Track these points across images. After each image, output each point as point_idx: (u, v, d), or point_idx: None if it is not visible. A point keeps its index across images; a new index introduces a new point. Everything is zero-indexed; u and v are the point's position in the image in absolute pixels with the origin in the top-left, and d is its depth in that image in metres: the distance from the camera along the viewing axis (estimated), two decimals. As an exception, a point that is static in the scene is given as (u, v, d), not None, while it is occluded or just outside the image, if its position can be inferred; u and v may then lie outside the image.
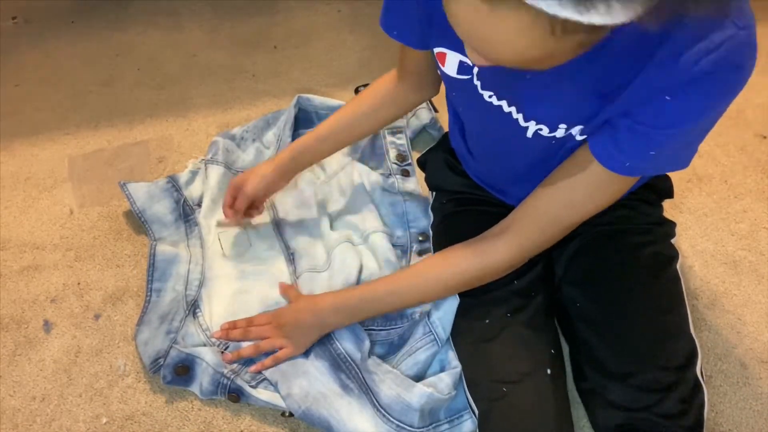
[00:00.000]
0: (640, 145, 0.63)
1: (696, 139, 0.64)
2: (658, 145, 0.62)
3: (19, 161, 1.27)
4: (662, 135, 0.61)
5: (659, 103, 0.59)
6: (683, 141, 0.63)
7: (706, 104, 0.58)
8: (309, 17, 1.64)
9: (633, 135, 0.62)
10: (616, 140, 0.64)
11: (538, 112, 0.70)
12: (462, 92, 0.79)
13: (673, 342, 0.77)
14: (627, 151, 0.64)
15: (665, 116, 0.60)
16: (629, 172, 0.66)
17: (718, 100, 0.58)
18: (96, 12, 1.67)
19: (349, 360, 0.86)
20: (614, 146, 0.64)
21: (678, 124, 0.60)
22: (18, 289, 1.05)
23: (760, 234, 1.09)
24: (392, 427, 0.80)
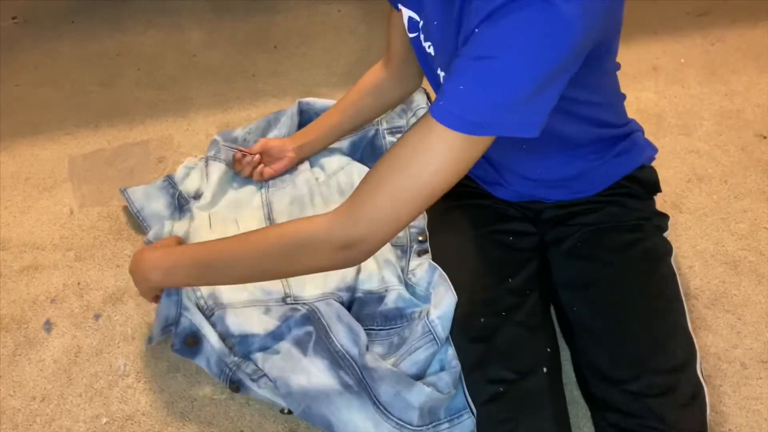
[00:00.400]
0: (451, 78, 0.61)
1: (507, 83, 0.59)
2: (465, 77, 0.60)
3: (19, 161, 1.27)
4: (467, 60, 0.60)
5: (473, 37, 0.60)
6: (490, 78, 0.59)
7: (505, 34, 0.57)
8: (309, 17, 1.64)
9: (452, 68, 0.62)
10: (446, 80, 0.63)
11: (439, 56, 0.75)
12: (417, 53, 0.84)
13: (670, 343, 0.77)
14: (444, 88, 0.62)
15: (475, 42, 0.60)
16: (443, 117, 0.61)
17: (521, 34, 0.57)
18: (96, 12, 1.67)
19: (347, 357, 0.86)
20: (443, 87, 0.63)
21: (478, 50, 0.59)
22: (18, 289, 1.05)
23: (760, 234, 1.09)
24: (392, 425, 0.80)
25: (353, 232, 0.67)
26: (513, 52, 0.58)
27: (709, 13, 1.57)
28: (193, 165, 1.18)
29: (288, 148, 1.11)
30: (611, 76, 0.80)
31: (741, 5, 1.58)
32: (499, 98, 0.60)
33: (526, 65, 0.58)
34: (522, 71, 0.58)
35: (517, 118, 0.61)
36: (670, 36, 1.51)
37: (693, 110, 1.33)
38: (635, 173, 0.89)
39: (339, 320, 0.88)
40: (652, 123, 1.30)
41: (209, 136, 1.29)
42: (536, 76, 0.59)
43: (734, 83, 1.37)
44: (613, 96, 0.84)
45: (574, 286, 0.85)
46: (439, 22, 0.72)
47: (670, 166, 1.20)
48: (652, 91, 1.37)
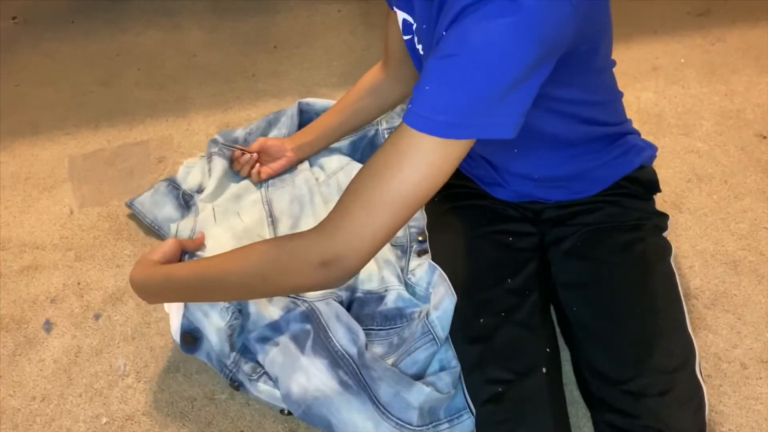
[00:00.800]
0: (421, 80, 0.60)
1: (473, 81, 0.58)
2: (430, 77, 0.59)
3: (19, 161, 1.27)
4: (431, 61, 0.59)
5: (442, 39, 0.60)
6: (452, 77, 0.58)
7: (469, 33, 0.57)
8: (309, 17, 1.64)
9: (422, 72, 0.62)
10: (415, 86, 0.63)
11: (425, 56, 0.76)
12: (412, 57, 0.84)
13: (669, 343, 0.77)
14: (414, 94, 0.61)
15: (441, 44, 0.60)
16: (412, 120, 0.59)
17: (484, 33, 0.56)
18: (96, 12, 1.67)
19: (346, 356, 0.86)
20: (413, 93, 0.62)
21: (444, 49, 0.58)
22: (18, 289, 1.05)
23: (760, 234, 1.09)
24: (392, 425, 0.80)
25: (330, 249, 0.63)
26: (476, 50, 0.57)
27: (709, 13, 1.57)
28: (193, 164, 1.18)
29: (287, 148, 1.11)
30: (604, 75, 0.80)
31: (741, 5, 1.58)
32: (466, 97, 0.58)
33: (492, 62, 0.57)
34: (487, 68, 0.57)
35: (489, 119, 0.59)
36: (670, 36, 1.51)
37: (693, 110, 1.33)
38: (635, 173, 0.89)
39: (338, 320, 0.88)
40: (652, 123, 1.30)
41: (209, 136, 1.29)
42: (503, 73, 0.57)
43: (734, 83, 1.37)
44: (606, 94, 0.83)
45: (573, 285, 0.85)
46: (427, 25, 0.73)
47: (670, 166, 1.20)
48: (652, 91, 1.37)
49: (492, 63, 0.57)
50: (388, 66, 1.01)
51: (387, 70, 1.02)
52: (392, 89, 1.04)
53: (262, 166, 1.12)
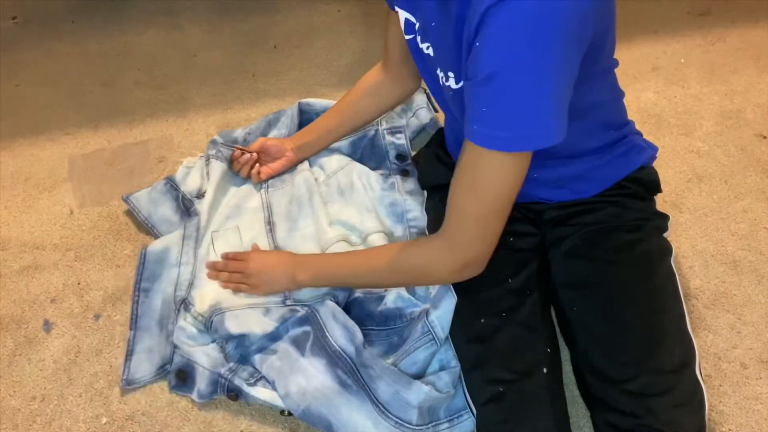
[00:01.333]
0: (473, 103, 0.63)
1: (523, 91, 0.60)
2: (485, 100, 0.62)
3: (19, 161, 1.27)
4: (479, 86, 0.61)
5: (473, 52, 0.61)
6: (502, 94, 0.61)
7: (501, 43, 0.58)
8: (309, 17, 1.64)
9: (468, 92, 0.64)
10: (466, 105, 0.66)
11: (438, 57, 0.76)
12: (413, 54, 0.85)
13: (668, 343, 0.77)
14: (470, 113, 0.64)
15: (475, 63, 0.61)
16: (483, 141, 0.64)
17: (513, 36, 0.57)
18: (96, 12, 1.67)
19: (344, 355, 0.86)
20: (467, 112, 0.66)
21: (484, 69, 0.60)
22: (18, 289, 1.05)
23: (760, 234, 1.09)
24: (391, 424, 0.80)
25: (460, 259, 0.76)
26: (517, 60, 0.58)
27: (709, 13, 1.57)
28: (192, 164, 1.18)
29: (287, 148, 1.11)
30: (607, 75, 0.80)
31: (741, 5, 1.58)
32: (523, 118, 0.62)
33: (533, 67, 0.59)
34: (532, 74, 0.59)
35: (545, 128, 0.63)
36: (670, 36, 1.51)
37: (693, 110, 1.33)
38: (636, 173, 0.89)
39: (334, 319, 0.88)
40: (652, 123, 1.30)
41: (209, 136, 1.29)
42: (546, 76, 0.60)
43: (734, 83, 1.37)
44: (609, 94, 0.83)
45: (574, 285, 0.85)
46: (437, 23, 0.73)
47: (670, 166, 1.20)
48: (652, 91, 1.37)
49: (534, 68, 0.59)
50: (387, 66, 1.01)
51: (387, 70, 1.02)
52: (392, 89, 1.04)
53: (262, 166, 1.12)
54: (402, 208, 1.08)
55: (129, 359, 0.93)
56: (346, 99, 1.08)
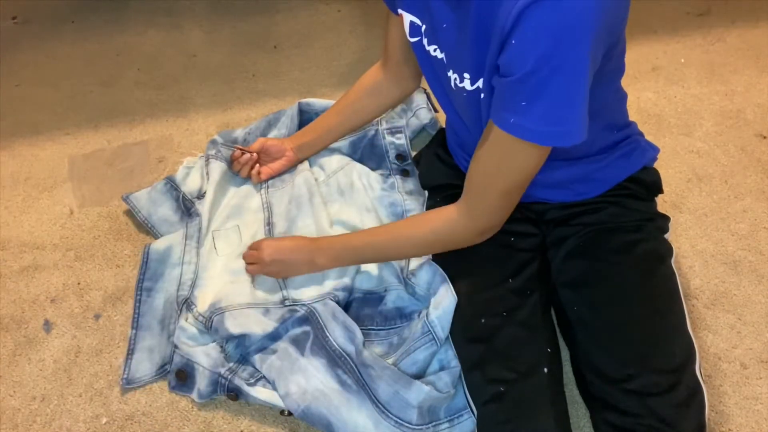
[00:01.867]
0: (511, 96, 0.65)
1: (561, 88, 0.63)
2: (523, 95, 0.64)
3: (19, 161, 1.27)
4: (518, 82, 0.63)
5: (509, 48, 0.62)
6: (537, 90, 0.63)
7: (537, 41, 0.60)
8: (309, 17, 1.64)
9: (504, 87, 0.66)
10: (497, 97, 0.68)
11: (452, 59, 0.76)
12: (418, 56, 0.85)
13: (669, 343, 0.77)
14: (506, 106, 0.66)
15: (513, 60, 0.63)
16: (517, 132, 0.67)
17: (548, 37, 0.59)
18: (96, 12, 1.67)
19: (344, 355, 0.86)
20: (499, 104, 0.68)
21: (523, 66, 0.62)
22: (18, 289, 1.05)
23: (760, 234, 1.09)
24: (391, 424, 0.80)
25: (480, 225, 0.81)
26: (558, 58, 0.60)
27: (709, 13, 1.57)
28: (192, 164, 1.18)
29: (286, 148, 1.11)
30: (618, 75, 0.80)
31: (741, 5, 1.58)
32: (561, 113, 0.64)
33: (573, 65, 0.61)
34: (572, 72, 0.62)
35: (573, 125, 0.65)
36: (670, 36, 1.51)
37: (693, 110, 1.33)
38: (638, 174, 0.89)
39: (334, 319, 0.88)
40: (652, 123, 1.30)
41: (209, 136, 1.29)
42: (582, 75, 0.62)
43: (734, 83, 1.37)
44: (615, 94, 0.84)
45: (574, 285, 0.85)
46: (449, 24, 0.73)
47: (670, 166, 1.20)
48: (652, 91, 1.37)
49: (574, 70, 0.61)
50: (388, 66, 1.01)
51: (387, 70, 1.02)
52: (392, 89, 1.04)
53: (262, 166, 1.12)
54: (402, 208, 1.08)
55: (129, 358, 0.93)
56: (346, 99, 1.07)
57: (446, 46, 0.77)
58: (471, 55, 0.71)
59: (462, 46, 0.72)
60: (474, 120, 0.80)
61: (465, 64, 0.73)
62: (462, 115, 0.85)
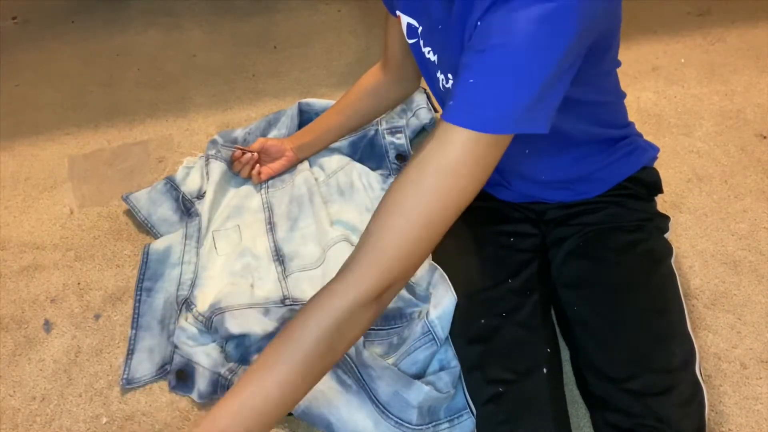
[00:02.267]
0: (462, 75, 0.59)
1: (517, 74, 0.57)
2: (473, 71, 0.58)
3: (19, 161, 1.27)
4: (475, 54, 0.58)
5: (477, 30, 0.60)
6: (498, 65, 0.57)
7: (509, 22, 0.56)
8: (309, 17, 1.64)
9: (459, 69, 0.60)
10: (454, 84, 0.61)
11: (443, 60, 0.75)
12: (416, 58, 0.84)
13: (670, 343, 0.77)
14: (454, 90, 0.60)
15: (478, 36, 0.59)
16: (454, 117, 0.58)
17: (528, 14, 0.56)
18: (96, 12, 1.67)
19: (344, 355, 0.86)
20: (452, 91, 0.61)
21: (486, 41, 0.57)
22: (18, 289, 1.05)
23: (760, 234, 1.09)
24: (391, 424, 0.80)
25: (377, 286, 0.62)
26: (518, 38, 0.56)
27: (709, 13, 1.57)
28: (192, 164, 1.18)
29: (286, 148, 1.11)
30: (612, 75, 0.80)
31: (741, 5, 1.58)
32: (510, 88, 0.57)
33: (533, 51, 0.56)
34: (530, 58, 0.57)
35: (530, 113, 0.58)
36: (670, 36, 1.51)
37: (693, 110, 1.33)
38: (638, 174, 0.89)
39: None
40: (652, 123, 1.30)
41: (209, 136, 1.29)
42: (544, 63, 0.57)
43: (734, 83, 1.37)
44: (613, 95, 0.84)
45: (574, 285, 0.85)
46: (443, 25, 0.73)
47: (670, 166, 1.20)
48: (652, 91, 1.37)
49: (534, 52, 0.56)
50: (388, 67, 1.01)
51: (387, 70, 1.02)
52: (393, 89, 1.04)
53: (262, 166, 1.12)
54: (402, 208, 1.08)
55: (129, 358, 0.93)
56: (346, 99, 1.07)
57: (437, 46, 0.76)
58: (454, 54, 0.70)
59: (449, 44, 0.72)
60: None
61: (450, 64, 0.73)
62: None
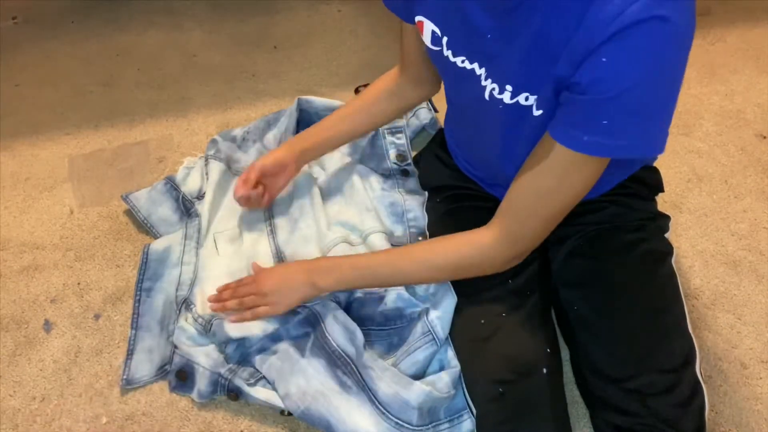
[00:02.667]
0: (591, 115, 0.62)
1: (650, 108, 0.62)
2: (607, 113, 0.61)
3: (19, 161, 1.27)
4: (606, 101, 0.61)
5: (594, 65, 0.60)
6: (633, 108, 0.61)
7: (637, 60, 0.58)
8: (309, 17, 1.64)
9: (581, 106, 0.63)
10: (568, 115, 0.65)
11: (493, 70, 0.73)
12: (437, 62, 0.82)
13: (670, 343, 0.77)
14: (580, 124, 0.63)
15: (602, 78, 0.60)
16: (591, 150, 0.65)
17: (650, 57, 0.58)
18: (96, 12, 1.67)
19: (344, 356, 0.86)
20: (569, 122, 0.65)
21: (615, 85, 0.59)
22: (18, 289, 1.05)
23: (760, 234, 1.09)
24: (391, 425, 0.80)
25: (514, 253, 0.78)
26: (650, 81, 0.59)
27: (709, 13, 1.57)
28: (192, 165, 1.18)
29: (286, 163, 1.01)
30: None
31: (741, 5, 1.58)
32: (644, 130, 0.63)
33: (662, 86, 0.61)
34: (659, 94, 0.61)
35: (657, 139, 0.64)
36: (670, 36, 1.51)
37: (693, 110, 1.33)
38: (638, 173, 0.89)
39: (335, 320, 0.88)
40: (652, 123, 1.30)
41: (209, 136, 1.29)
42: (671, 94, 0.62)
43: (734, 83, 1.37)
44: None
45: (575, 284, 0.85)
46: (495, 35, 0.69)
47: (670, 166, 1.20)
48: (652, 91, 1.37)
49: (664, 87, 0.61)
50: (407, 70, 0.97)
51: (406, 74, 0.97)
52: (412, 91, 0.99)
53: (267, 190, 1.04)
54: (402, 208, 1.08)
55: (129, 359, 0.93)
56: (361, 101, 1.01)
57: (485, 56, 0.73)
58: (521, 68, 0.68)
59: (508, 57, 0.69)
60: (502, 133, 0.78)
61: (508, 77, 0.70)
62: (484, 126, 0.82)
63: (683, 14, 0.57)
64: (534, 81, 0.68)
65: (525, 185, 0.73)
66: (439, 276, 0.85)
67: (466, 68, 0.76)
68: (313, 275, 0.86)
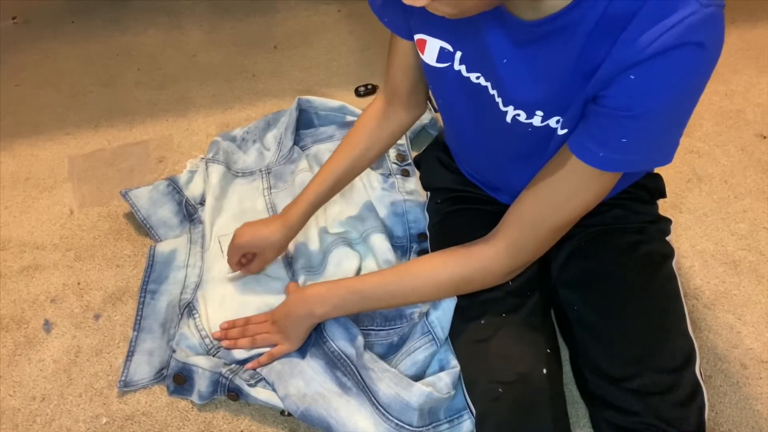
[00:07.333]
0: (611, 132, 0.63)
1: (670, 127, 0.63)
2: (629, 132, 0.62)
3: (19, 161, 1.28)
4: (629, 119, 0.61)
5: (624, 83, 0.59)
6: (655, 128, 0.62)
7: (669, 84, 0.58)
8: (309, 17, 1.64)
9: (603, 121, 0.63)
10: (588, 129, 0.65)
11: (515, 96, 0.71)
12: (441, 81, 0.79)
13: (670, 343, 0.77)
14: (599, 140, 0.64)
15: (629, 97, 0.60)
16: (606, 166, 0.65)
17: (681, 80, 0.58)
18: (96, 12, 1.67)
19: (343, 357, 0.86)
20: (587, 136, 0.65)
21: (642, 105, 0.59)
22: (18, 289, 1.05)
23: (760, 234, 1.09)
24: (391, 426, 0.80)
25: (517, 263, 0.78)
26: (676, 103, 0.60)
27: (709, 13, 1.57)
28: (195, 168, 1.18)
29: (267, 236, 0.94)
30: None
31: (741, 5, 1.58)
32: (662, 147, 0.64)
33: (685, 108, 0.62)
34: (681, 115, 0.62)
35: (670, 152, 0.65)
36: (670, 36, 1.50)
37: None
38: (642, 180, 0.89)
39: (334, 321, 0.88)
40: (652, 123, 1.30)
41: (209, 136, 1.29)
42: (689, 114, 0.63)
43: (734, 83, 1.37)
44: None
45: (575, 284, 0.85)
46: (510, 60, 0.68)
47: (670, 166, 1.20)
48: (652, 91, 1.37)
49: (686, 108, 0.62)
50: (396, 96, 0.91)
51: (396, 100, 0.92)
52: (405, 116, 0.94)
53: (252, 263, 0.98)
54: (402, 208, 1.08)
55: (129, 360, 0.93)
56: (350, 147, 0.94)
57: (501, 80, 0.71)
58: (552, 93, 0.67)
59: (532, 83, 0.68)
60: (520, 152, 0.77)
61: (537, 102, 0.69)
62: (497, 144, 0.80)
63: (718, 39, 0.57)
64: (559, 104, 0.68)
65: (536, 196, 0.72)
66: (443, 291, 0.82)
67: (480, 84, 0.74)
68: (309, 305, 0.84)
